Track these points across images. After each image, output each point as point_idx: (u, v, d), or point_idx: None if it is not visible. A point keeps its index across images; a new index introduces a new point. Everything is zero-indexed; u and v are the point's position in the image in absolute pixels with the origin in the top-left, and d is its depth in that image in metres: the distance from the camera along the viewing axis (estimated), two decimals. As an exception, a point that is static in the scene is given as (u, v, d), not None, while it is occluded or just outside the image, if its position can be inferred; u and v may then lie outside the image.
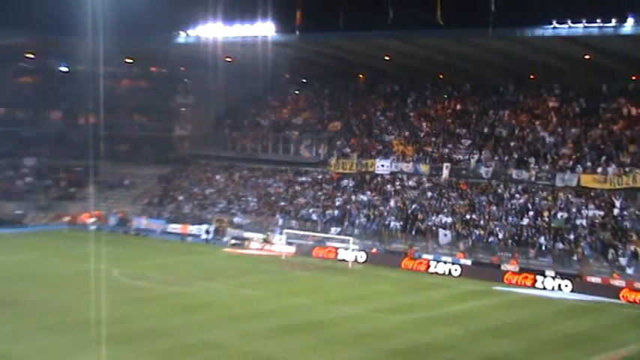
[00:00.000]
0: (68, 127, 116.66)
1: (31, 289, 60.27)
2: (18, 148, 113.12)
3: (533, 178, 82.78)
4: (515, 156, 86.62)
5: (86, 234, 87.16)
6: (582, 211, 76.60)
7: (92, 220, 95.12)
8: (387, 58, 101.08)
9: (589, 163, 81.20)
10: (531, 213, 78.95)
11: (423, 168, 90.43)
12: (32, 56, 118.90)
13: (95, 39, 72.86)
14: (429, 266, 74.00)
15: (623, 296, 63.22)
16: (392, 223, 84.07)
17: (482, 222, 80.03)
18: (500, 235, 77.20)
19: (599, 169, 79.51)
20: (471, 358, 44.16)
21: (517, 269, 70.09)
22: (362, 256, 77.75)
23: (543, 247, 73.90)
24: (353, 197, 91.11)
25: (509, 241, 75.94)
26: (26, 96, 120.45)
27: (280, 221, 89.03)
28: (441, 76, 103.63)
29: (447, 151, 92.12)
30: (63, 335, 45.01)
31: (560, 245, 73.36)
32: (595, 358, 44.78)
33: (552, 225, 76.39)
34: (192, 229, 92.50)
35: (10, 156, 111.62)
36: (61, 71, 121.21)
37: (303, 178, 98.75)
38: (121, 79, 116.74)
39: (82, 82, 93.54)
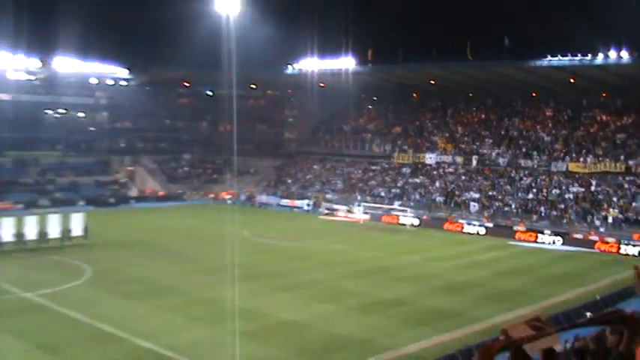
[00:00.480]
0: (212, 133, 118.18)
1: (189, 243, 62.33)
2: (178, 147, 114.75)
3: (535, 166, 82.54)
4: (523, 150, 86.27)
5: (225, 206, 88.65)
6: (570, 188, 76.34)
7: (229, 196, 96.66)
8: (432, 82, 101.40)
9: (574, 155, 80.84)
10: (534, 190, 78.95)
11: (459, 159, 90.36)
12: (187, 84, 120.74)
13: (230, 71, 74.04)
14: (463, 228, 74.19)
15: (597, 247, 63.20)
16: (437, 198, 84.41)
17: (500, 197, 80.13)
18: (513, 206, 77.22)
19: (581, 159, 79.17)
20: (493, 291, 45.13)
21: (524, 229, 70.09)
22: (416, 221, 78.01)
23: (543, 214, 73.80)
24: (409, 180, 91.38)
25: (519, 210, 76.06)
26: (183, 112, 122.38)
27: (358, 197, 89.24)
28: (471, 94, 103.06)
29: (475, 147, 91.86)
30: (212, 275, 46.69)
31: (554, 212, 73.46)
32: (578, 289, 45.37)
33: (549, 198, 76.38)
34: (298, 203, 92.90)
35: (173, 153, 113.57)
36: (207, 94, 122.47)
37: (375, 167, 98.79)
38: (247, 99, 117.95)
39: (221, 101, 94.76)
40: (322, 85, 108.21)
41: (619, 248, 62.54)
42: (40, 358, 29.84)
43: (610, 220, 68.94)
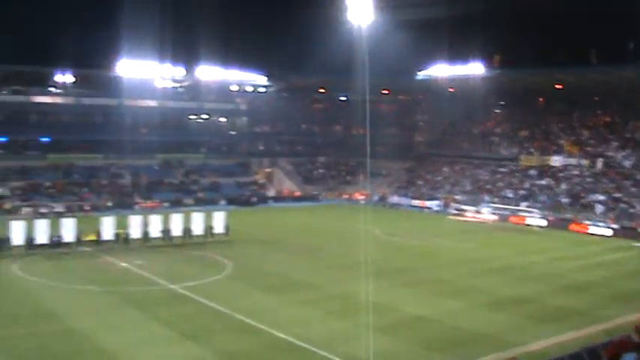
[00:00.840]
0: (346, 136, 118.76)
1: (323, 240, 63.13)
2: (314, 150, 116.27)
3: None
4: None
5: (358, 206, 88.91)
6: (697, 190, 74.11)
7: (362, 197, 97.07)
8: (558, 86, 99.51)
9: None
10: (661, 192, 76.77)
11: (584, 161, 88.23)
12: (322, 91, 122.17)
13: (362, 78, 74.07)
14: (588, 229, 72.39)
15: None
16: (563, 200, 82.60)
17: (625, 198, 77.77)
18: (639, 207, 75.05)
19: None
20: (618, 291, 43.80)
21: (651, 231, 68.30)
22: (542, 222, 76.63)
23: (669, 216, 71.76)
24: (536, 182, 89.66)
25: (645, 211, 73.99)
26: (318, 116, 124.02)
27: (486, 198, 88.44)
28: (596, 98, 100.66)
29: (600, 149, 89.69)
30: (344, 271, 47.07)
31: (681, 213, 71.18)
32: None
33: (676, 200, 74.19)
34: (428, 203, 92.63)
35: (309, 155, 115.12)
36: (340, 100, 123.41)
37: (502, 169, 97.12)
38: (379, 104, 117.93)
39: (354, 106, 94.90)
40: (451, 89, 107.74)
41: None
42: (185, 345, 30.65)
43: None
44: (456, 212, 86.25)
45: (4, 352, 29.13)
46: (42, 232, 53.36)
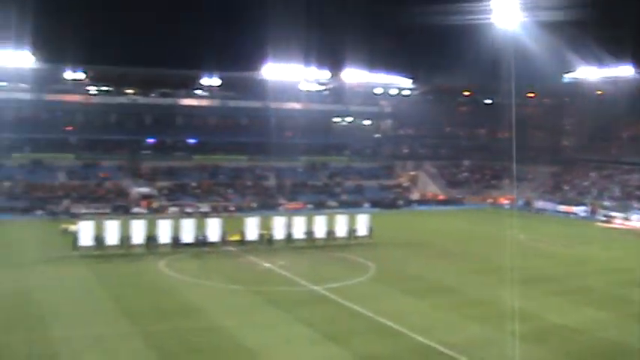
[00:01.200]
0: (490, 140, 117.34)
1: (466, 244, 62.88)
2: (458, 153, 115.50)
3: None
4: None
5: (502, 211, 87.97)
6: None
7: (506, 202, 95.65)
8: None
9: None
10: None
11: None
12: (467, 94, 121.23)
13: (508, 81, 73.24)
14: None
15: None
16: None
17: None
18: None
19: None
20: None
21: None
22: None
23: None
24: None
25: None
26: (463, 120, 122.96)
27: (636, 205, 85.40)
28: None
29: None
30: (487, 276, 46.71)
31: None
32: None
33: None
34: (574, 209, 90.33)
35: (453, 159, 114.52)
36: (485, 103, 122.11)
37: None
38: (525, 107, 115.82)
39: (499, 109, 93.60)
40: (599, 92, 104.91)
41: None
42: (326, 345, 30.96)
43: None
44: (604, 219, 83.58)
45: (150, 347, 30.23)
46: (188, 232, 55.43)
